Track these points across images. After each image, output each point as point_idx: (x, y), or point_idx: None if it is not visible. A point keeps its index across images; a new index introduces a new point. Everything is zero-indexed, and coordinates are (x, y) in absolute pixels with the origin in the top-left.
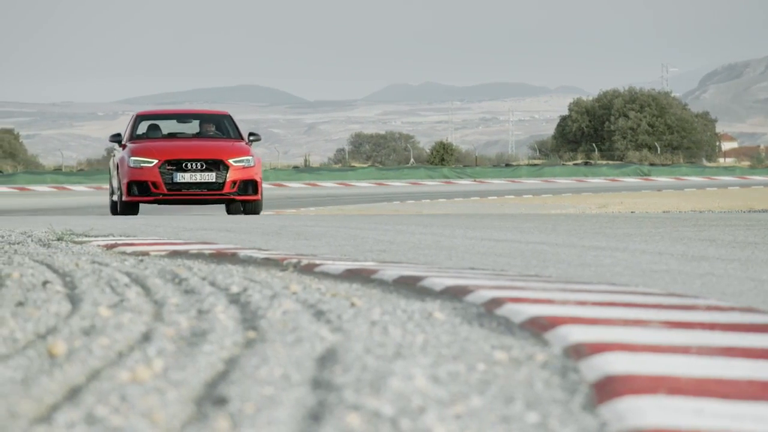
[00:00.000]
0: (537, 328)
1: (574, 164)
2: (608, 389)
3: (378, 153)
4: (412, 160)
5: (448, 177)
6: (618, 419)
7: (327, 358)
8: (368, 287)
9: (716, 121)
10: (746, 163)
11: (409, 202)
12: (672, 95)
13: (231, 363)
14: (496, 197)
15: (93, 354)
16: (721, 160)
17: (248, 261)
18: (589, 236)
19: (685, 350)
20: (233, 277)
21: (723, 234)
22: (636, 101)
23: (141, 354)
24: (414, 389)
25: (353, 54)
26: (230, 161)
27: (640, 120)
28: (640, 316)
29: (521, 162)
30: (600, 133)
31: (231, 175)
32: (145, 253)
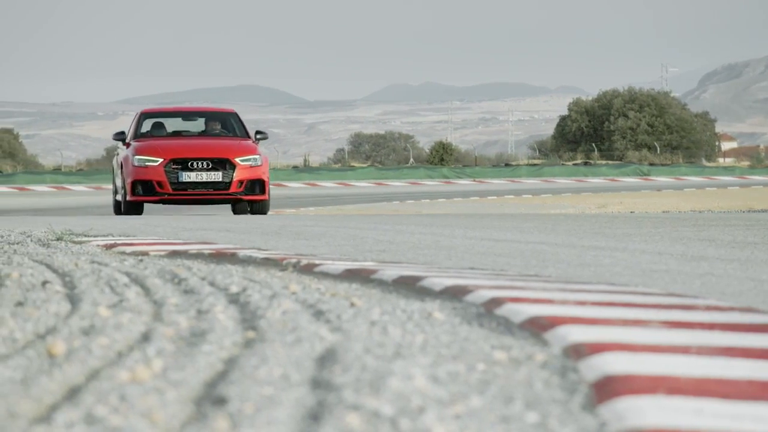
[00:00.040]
0: (536, 328)
1: (574, 164)
2: (608, 389)
3: (377, 153)
4: (412, 160)
5: (448, 177)
6: (617, 419)
7: (326, 358)
8: (368, 287)
9: (716, 121)
10: (746, 163)
11: (409, 202)
12: (671, 95)
13: (230, 363)
14: (496, 197)
15: (92, 354)
16: (721, 160)
17: (248, 261)
18: (589, 236)
19: (685, 350)
20: (233, 277)
21: (722, 234)
22: (635, 101)
23: (140, 354)
24: (413, 389)
25: (353, 54)
26: (237, 160)
27: (640, 120)
28: (640, 316)
29: (521, 162)
30: (599, 133)
31: (238, 175)
32: (145, 253)
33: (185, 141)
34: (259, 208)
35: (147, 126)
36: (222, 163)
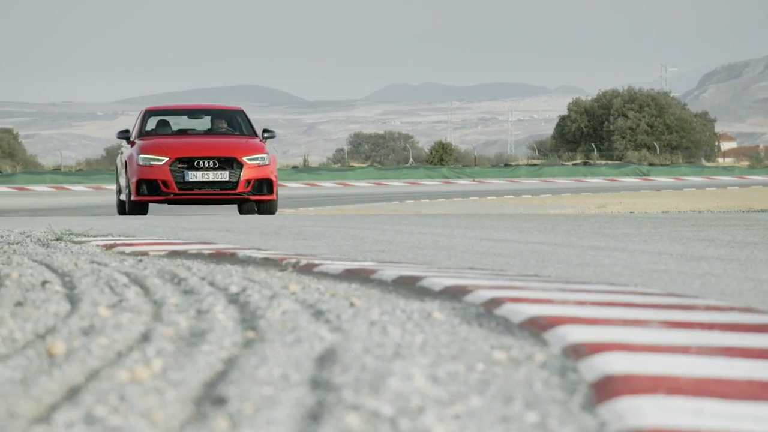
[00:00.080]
0: (536, 328)
1: (573, 164)
2: (607, 389)
3: (377, 153)
4: (411, 160)
5: (447, 177)
6: (617, 419)
7: (326, 358)
8: (367, 287)
9: (715, 121)
10: (745, 163)
11: (408, 202)
12: (671, 95)
13: (230, 363)
14: (495, 197)
15: (92, 354)
16: (720, 160)
17: (247, 261)
18: (588, 236)
19: (685, 350)
20: (232, 277)
21: (722, 234)
22: (635, 101)
23: (140, 354)
24: (413, 389)
25: (353, 54)
26: (244, 159)
27: (639, 120)
28: (640, 316)
29: (520, 162)
30: (599, 133)
31: (245, 174)
32: (144, 253)
33: (191, 139)
34: (267, 209)
35: (152, 124)
36: (229, 162)
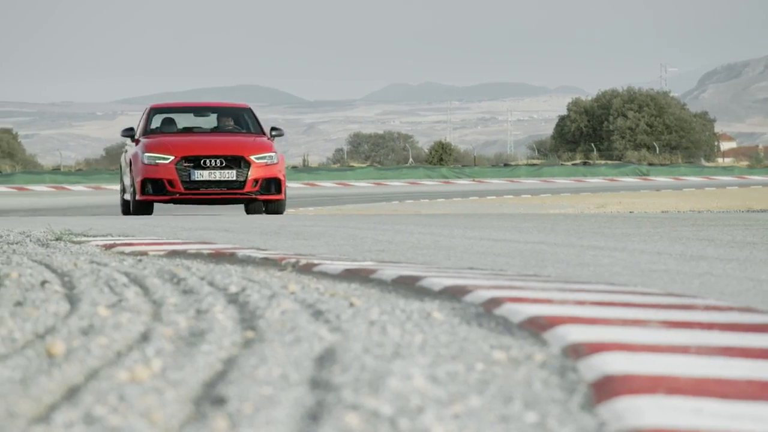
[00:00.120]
0: (536, 328)
1: (573, 164)
2: (607, 389)
3: (377, 153)
4: (411, 160)
5: (447, 177)
6: (617, 419)
7: (325, 358)
8: (367, 287)
9: (715, 121)
10: (745, 163)
11: (408, 202)
12: (671, 95)
13: (229, 363)
14: (495, 197)
15: (91, 354)
16: (720, 160)
17: (247, 261)
18: (588, 236)
19: (684, 350)
20: (232, 277)
21: (721, 234)
22: (635, 101)
23: (139, 354)
24: (412, 389)
25: (353, 54)
26: (252, 158)
27: (639, 120)
28: (639, 316)
29: (520, 162)
30: (599, 133)
31: (253, 173)
32: (144, 253)
33: (197, 138)
34: (275, 208)
35: (157, 122)
36: (236, 161)
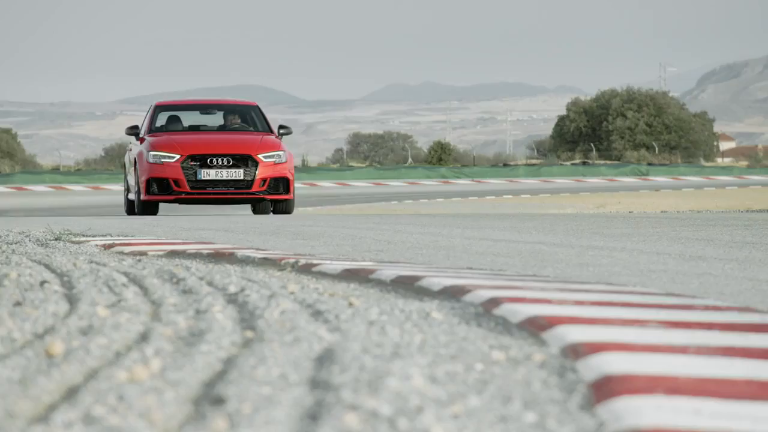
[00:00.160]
0: (535, 328)
1: (572, 164)
2: (606, 389)
3: (376, 153)
4: (410, 160)
5: (446, 177)
6: (616, 419)
7: (325, 358)
8: (366, 287)
9: (714, 121)
10: (744, 163)
11: (407, 202)
12: (670, 95)
13: (229, 363)
14: (494, 197)
15: (91, 354)
16: (719, 160)
17: (246, 261)
18: (587, 236)
19: (683, 350)
20: (231, 277)
21: (721, 234)
22: (634, 101)
23: (139, 354)
24: (412, 389)
25: (352, 54)
26: (260, 156)
27: (638, 120)
28: (638, 316)
29: (519, 162)
30: (598, 133)
31: (260, 172)
32: (143, 253)
33: (204, 136)
34: (283, 208)
35: (162, 120)
36: (244, 160)
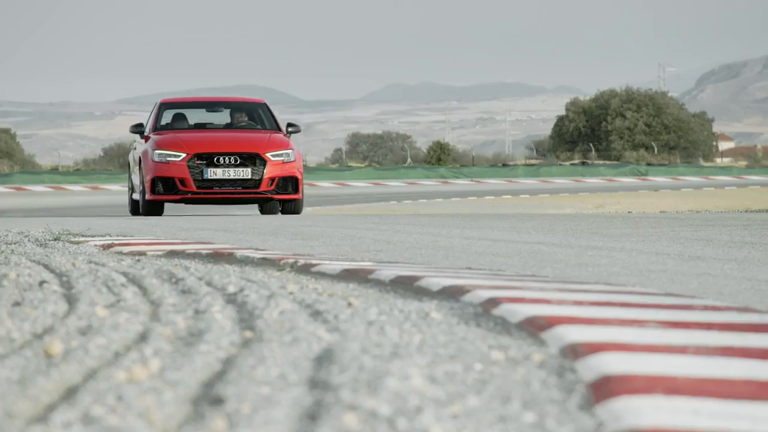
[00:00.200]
0: (534, 328)
1: (571, 164)
2: (605, 389)
3: (375, 153)
4: (409, 160)
5: (445, 177)
6: (615, 419)
7: (324, 358)
8: (365, 287)
9: (713, 121)
10: (743, 163)
11: (406, 202)
12: (669, 95)
13: (228, 363)
14: (493, 197)
15: (90, 354)
16: (718, 160)
17: (245, 261)
18: (586, 236)
19: (682, 350)
20: (230, 277)
21: (720, 234)
22: (633, 101)
23: (138, 354)
24: (411, 389)
25: (351, 54)
26: (268, 155)
27: (637, 120)
28: (637, 316)
29: (518, 162)
30: (597, 133)
31: (269, 171)
32: (142, 253)
33: (210, 134)
34: (292, 208)
35: (167, 118)
36: (251, 159)
